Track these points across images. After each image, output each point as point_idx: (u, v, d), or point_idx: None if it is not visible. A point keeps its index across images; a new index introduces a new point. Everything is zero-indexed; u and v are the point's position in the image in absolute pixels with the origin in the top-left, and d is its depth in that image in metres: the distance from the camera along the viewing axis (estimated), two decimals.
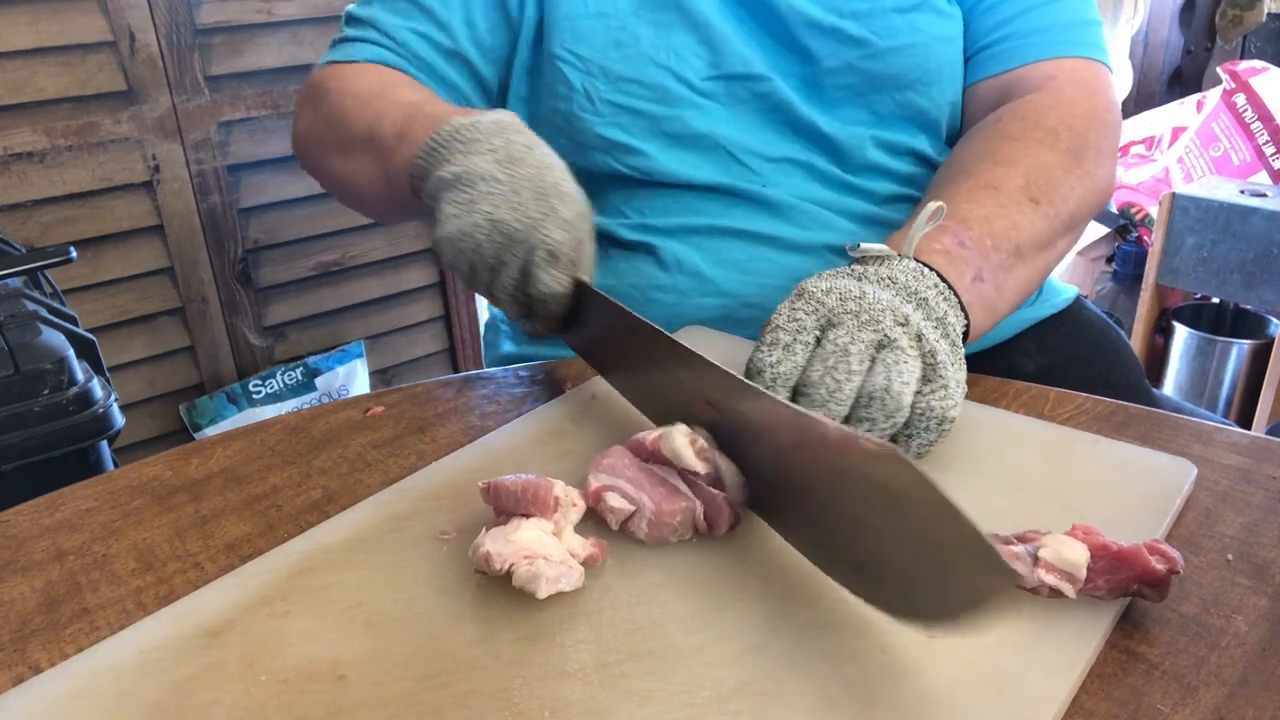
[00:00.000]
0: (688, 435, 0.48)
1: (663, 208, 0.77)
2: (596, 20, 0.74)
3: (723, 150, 0.76)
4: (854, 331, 0.49)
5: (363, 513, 0.51)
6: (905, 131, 0.78)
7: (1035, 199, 0.64)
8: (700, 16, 0.74)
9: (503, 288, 0.58)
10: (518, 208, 0.56)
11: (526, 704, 0.38)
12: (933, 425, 0.49)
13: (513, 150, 0.58)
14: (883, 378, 0.48)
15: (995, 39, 0.77)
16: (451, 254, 0.58)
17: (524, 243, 0.56)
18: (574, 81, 0.74)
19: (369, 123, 0.70)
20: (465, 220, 0.56)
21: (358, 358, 1.83)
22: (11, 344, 0.99)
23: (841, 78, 0.76)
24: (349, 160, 0.74)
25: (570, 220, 0.57)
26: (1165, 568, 0.41)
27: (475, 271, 0.58)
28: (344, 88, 0.75)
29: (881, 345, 0.49)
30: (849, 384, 0.48)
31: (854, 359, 0.48)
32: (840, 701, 0.37)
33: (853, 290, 0.51)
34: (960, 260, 0.58)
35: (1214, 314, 2.04)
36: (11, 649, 0.44)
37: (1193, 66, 2.95)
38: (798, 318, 0.50)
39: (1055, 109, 0.71)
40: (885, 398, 0.48)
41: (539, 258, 0.56)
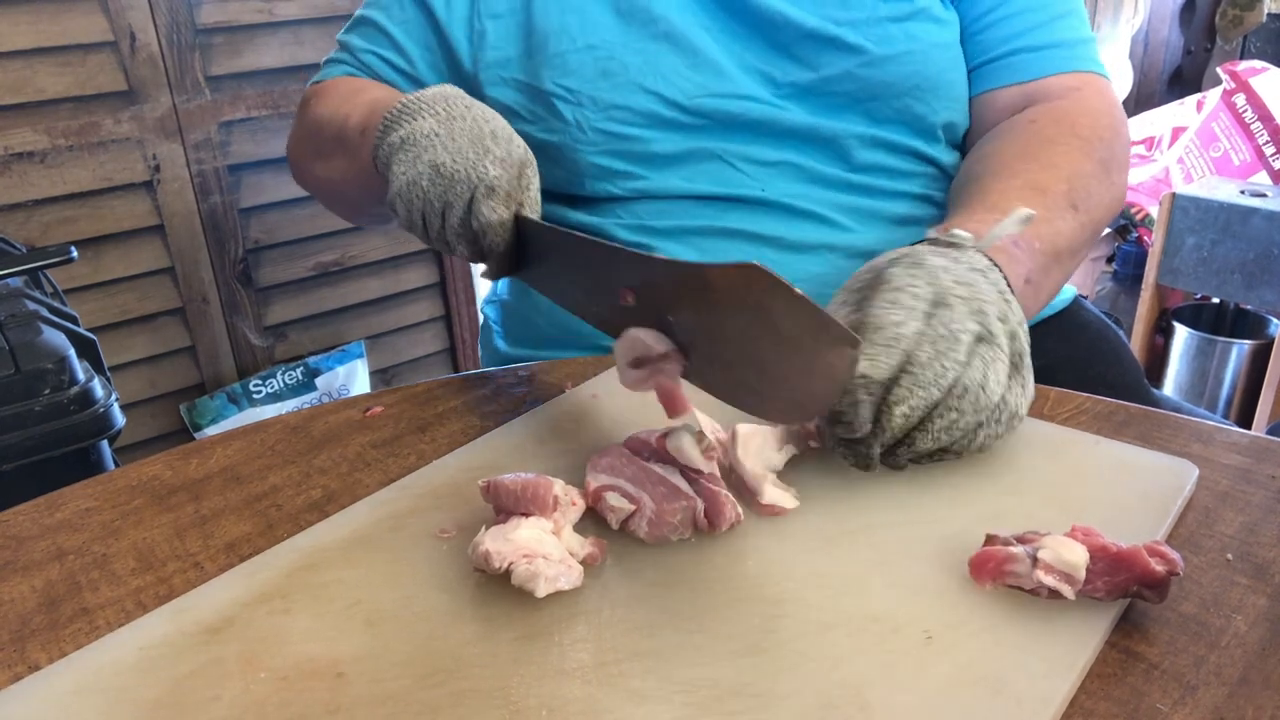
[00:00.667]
0: (694, 434, 0.48)
1: (660, 211, 0.78)
2: (585, 53, 0.76)
3: (717, 159, 0.77)
4: (964, 318, 0.48)
5: (362, 511, 0.51)
6: (905, 135, 0.78)
7: (1075, 205, 0.65)
8: (686, 42, 0.75)
9: (451, 229, 0.62)
10: (456, 152, 0.60)
11: (525, 702, 0.38)
12: (1005, 419, 0.50)
13: (453, 109, 0.63)
14: (980, 373, 0.48)
15: (1010, 50, 0.78)
16: (403, 208, 0.62)
17: (465, 181, 0.60)
18: (565, 114, 0.76)
19: (339, 124, 0.75)
20: (412, 172, 0.61)
21: (358, 358, 1.83)
22: (12, 343, 0.99)
23: (839, 85, 0.76)
24: (328, 163, 0.78)
25: (504, 158, 0.60)
26: (1165, 569, 0.41)
27: (427, 219, 0.62)
28: (320, 100, 0.81)
29: (981, 338, 0.49)
30: (952, 373, 0.47)
31: (962, 348, 0.48)
32: (838, 702, 0.37)
33: (962, 275, 0.50)
34: (1015, 261, 0.59)
35: (1214, 314, 2.04)
36: (11, 648, 0.44)
37: (1193, 66, 2.95)
38: (917, 284, 0.49)
39: (1086, 117, 0.73)
40: (980, 394, 0.48)
41: (479, 194, 0.60)
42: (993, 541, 0.44)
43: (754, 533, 0.47)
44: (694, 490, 0.47)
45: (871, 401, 0.47)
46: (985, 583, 0.43)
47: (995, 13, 0.78)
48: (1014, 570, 0.42)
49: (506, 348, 0.87)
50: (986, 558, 0.43)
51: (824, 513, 0.49)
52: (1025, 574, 0.42)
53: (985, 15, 0.79)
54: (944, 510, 0.49)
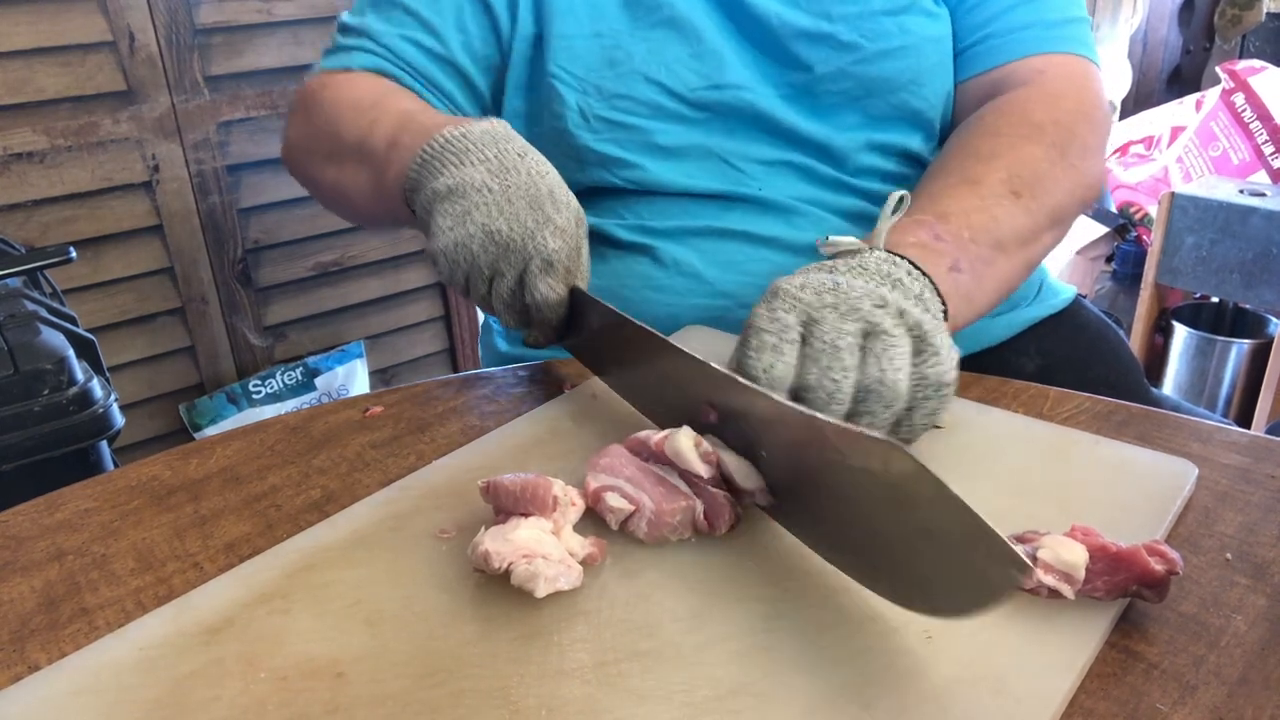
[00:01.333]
0: (693, 437, 0.48)
1: (660, 211, 0.78)
2: (592, 40, 0.75)
3: (717, 158, 0.77)
4: (837, 325, 0.48)
5: (362, 511, 0.51)
6: (900, 132, 0.78)
7: (1017, 192, 0.64)
8: (694, 33, 0.75)
9: (499, 297, 0.58)
10: (512, 217, 0.56)
11: (524, 702, 0.38)
12: (932, 393, 0.48)
13: (505, 159, 0.58)
14: (875, 369, 0.47)
15: (981, 36, 0.77)
16: (447, 266, 0.58)
17: (520, 252, 0.56)
18: (569, 99, 0.75)
19: (362, 132, 0.70)
20: (460, 231, 0.56)
21: (357, 358, 1.83)
22: (11, 344, 0.99)
23: (835, 84, 0.76)
24: (340, 170, 0.73)
25: (565, 228, 0.57)
26: (1164, 569, 0.41)
27: (471, 282, 0.58)
28: (337, 97, 0.75)
29: (867, 333, 0.48)
30: (846, 382, 0.47)
31: (845, 354, 0.47)
32: (839, 702, 0.37)
33: (826, 283, 0.50)
34: (935, 252, 0.58)
35: (1213, 313, 2.04)
36: (11, 649, 0.44)
37: (1192, 66, 2.95)
38: (778, 317, 0.49)
39: (1042, 103, 0.71)
40: (881, 389, 0.47)
41: (535, 266, 0.56)
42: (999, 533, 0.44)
43: (753, 533, 0.47)
44: (693, 491, 0.47)
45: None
46: None
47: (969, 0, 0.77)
48: None
49: (507, 348, 0.87)
50: None
51: None
52: None
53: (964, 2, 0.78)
54: None
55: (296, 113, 0.80)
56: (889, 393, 0.47)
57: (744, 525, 0.47)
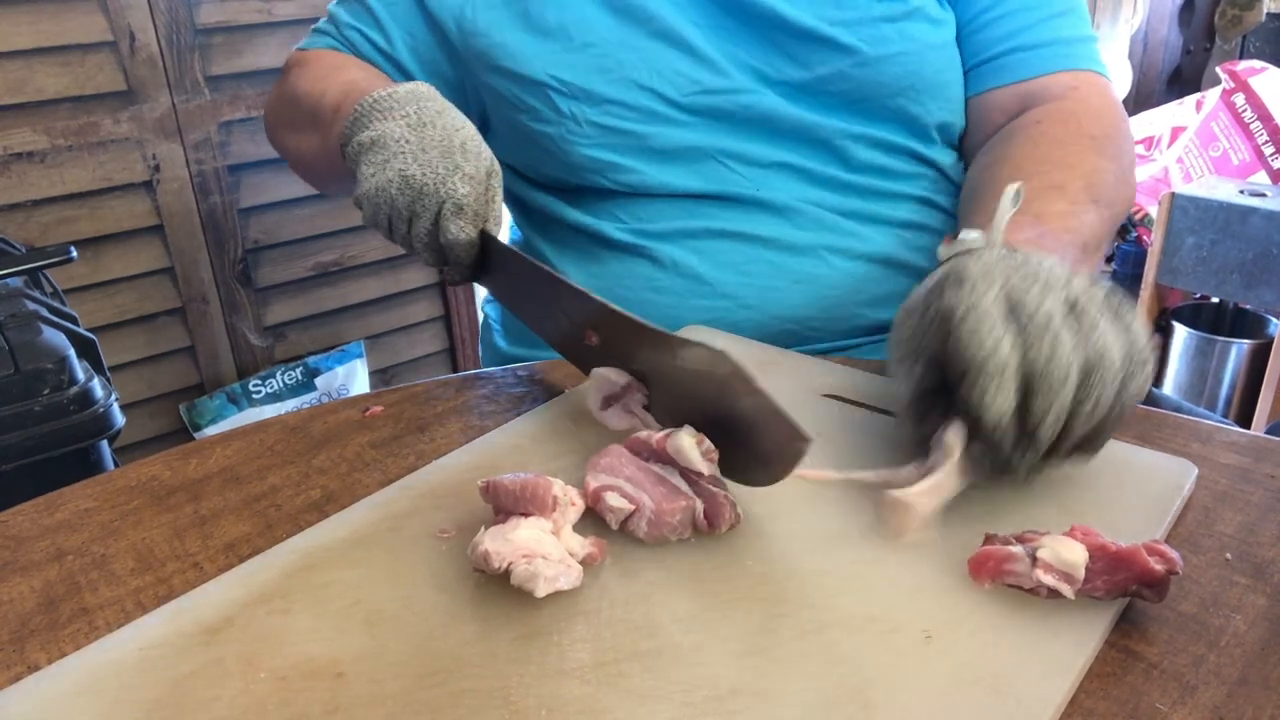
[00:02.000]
0: (694, 436, 0.48)
1: (657, 213, 0.78)
2: (581, 51, 0.75)
3: (712, 160, 0.77)
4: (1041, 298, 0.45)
5: (362, 511, 0.51)
6: (900, 135, 0.78)
7: (1096, 200, 0.66)
8: (682, 40, 0.75)
9: (418, 238, 0.64)
10: (426, 165, 0.62)
11: (524, 702, 0.38)
12: (1137, 365, 0.46)
13: (424, 115, 0.64)
14: (1099, 344, 0.45)
15: (1007, 49, 0.78)
16: (370, 210, 0.64)
17: (432, 195, 0.62)
18: (560, 106, 0.76)
19: (314, 100, 0.76)
20: (380, 177, 0.62)
21: (357, 358, 1.83)
22: (12, 344, 0.99)
23: (833, 85, 0.76)
24: (300, 136, 0.80)
25: (474, 175, 0.62)
26: (1164, 568, 0.41)
27: (392, 225, 0.64)
28: (301, 72, 0.82)
29: (1071, 307, 0.46)
30: (1078, 358, 0.44)
31: (1066, 332, 0.44)
32: (838, 702, 0.37)
33: (1009, 262, 0.47)
34: (1044, 251, 0.56)
35: (1213, 314, 2.04)
36: (10, 649, 0.44)
37: (1192, 66, 2.95)
38: (980, 292, 0.45)
39: (1089, 118, 0.73)
40: (1103, 366, 0.45)
41: (447, 210, 0.62)
42: (991, 541, 0.44)
43: (754, 533, 0.47)
44: (693, 490, 0.47)
45: (1012, 437, 0.45)
46: (984, 582, 0.43)
47: (992, 11, 0.78)
48: (1013, 569, 0.42)
49: (507, 346, 0.87)
50: (986, 557, 0.43)
51: (823, 513, 0.49)
52: (1025, 573, 0.42)
53: (982, 14, 0.78)
54: (942, 510, 0.49)
55: (274, 88, 0.89)
56: (1109, 366, 0.45)
57: (744, 525, 0.47)
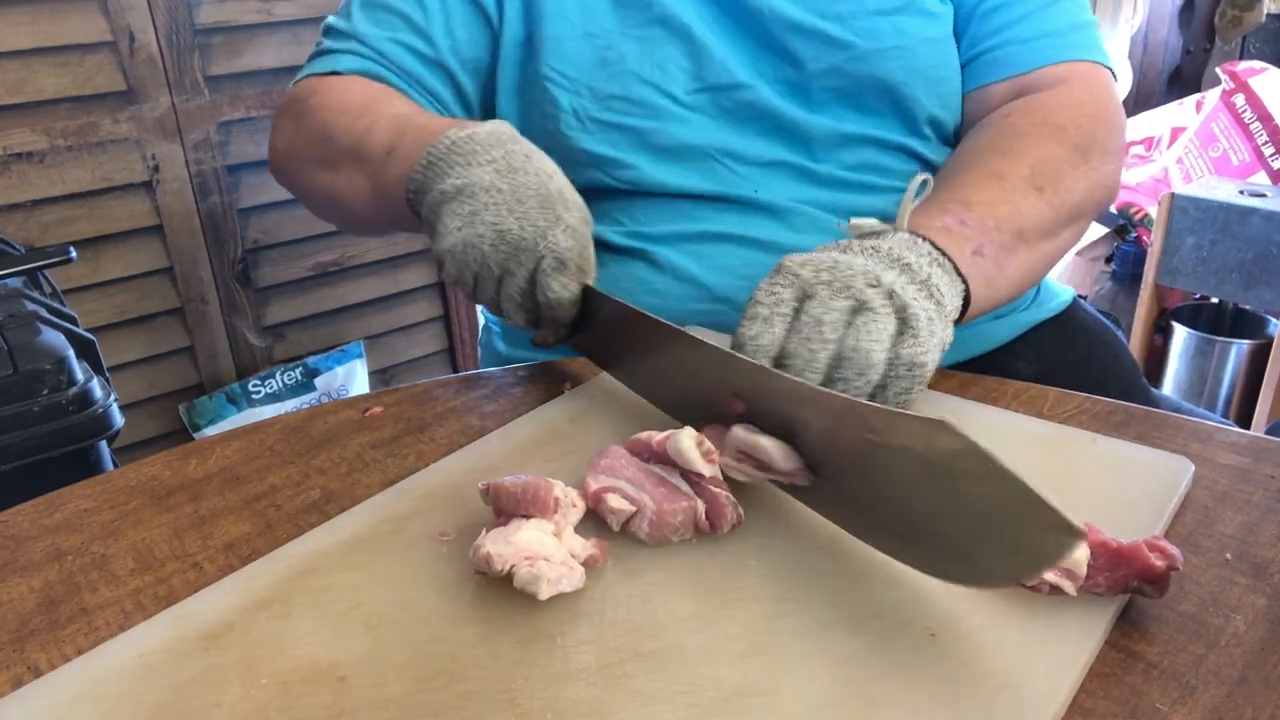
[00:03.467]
0: (695, 437, 0.48)
1: (655, 215, 0.78)
2: (584, 40, 0.75)
3: (711, 159, 0.77)
4: (826, 301, 0.51)
5: (361, 514, 0.51)
6: (895, 131, 0.78)
7: (1040, 187, 0.65)
8: (684, 31, 0.75)
9: (509, 297, 0.59)
10: (523, 217, 0.57)
11: (529, 705, 0.38)
12: (903, 372, 0.51)
13: (512, 160, 0.59)
14: (852, 339, 0.50)
15: (999, 43, 0.77)
16: (455, 266, 0.59)
17: (531, 251, 0.57)
18: (561, 101, 0.75)
19: (357, 137, 0.70)
20: (469, 231, 0.57)
21: (357, 358, 1.83)
22: (11, 344, 0.99)
23: (827, 80, 0.76)
24: (335, 175, 0.73)
25: (576, 227, 0.58)
26: (1165, 564, 0.41)
27: (480, 282, 0.59)
28: (327, 102, 0.74)
29: (855, 310, 0.51)
30: (823, 352, 0.50)
31: (827, 328, 0.50)
32: (843, 701, 0.37)
33: (827, 261, 0.52)
34: (959, 237, 0.59)
35: (1213, 314, 2.04)
36: (10, 649, 0.44)
37: (1192, 67, 2.96)
38: (775, 292, 0.52)
39: (1064, 108, 0.72)
40: (854, 356, 0.50)
41: (547, 265, 0.57)
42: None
43: (755, 533, 0.47)
44: (695, 491, 0.47)
45: None
46: None
47: (985, 4, 0.78)
48: None
49: (506, 349, 0.87)
50: None
51: None
52: None
53: (977, 7, 0.78)
54: None
55: (284, 118, 0.79)
56: (861, 360, 0.50)
57: (746, 525, 0.47)
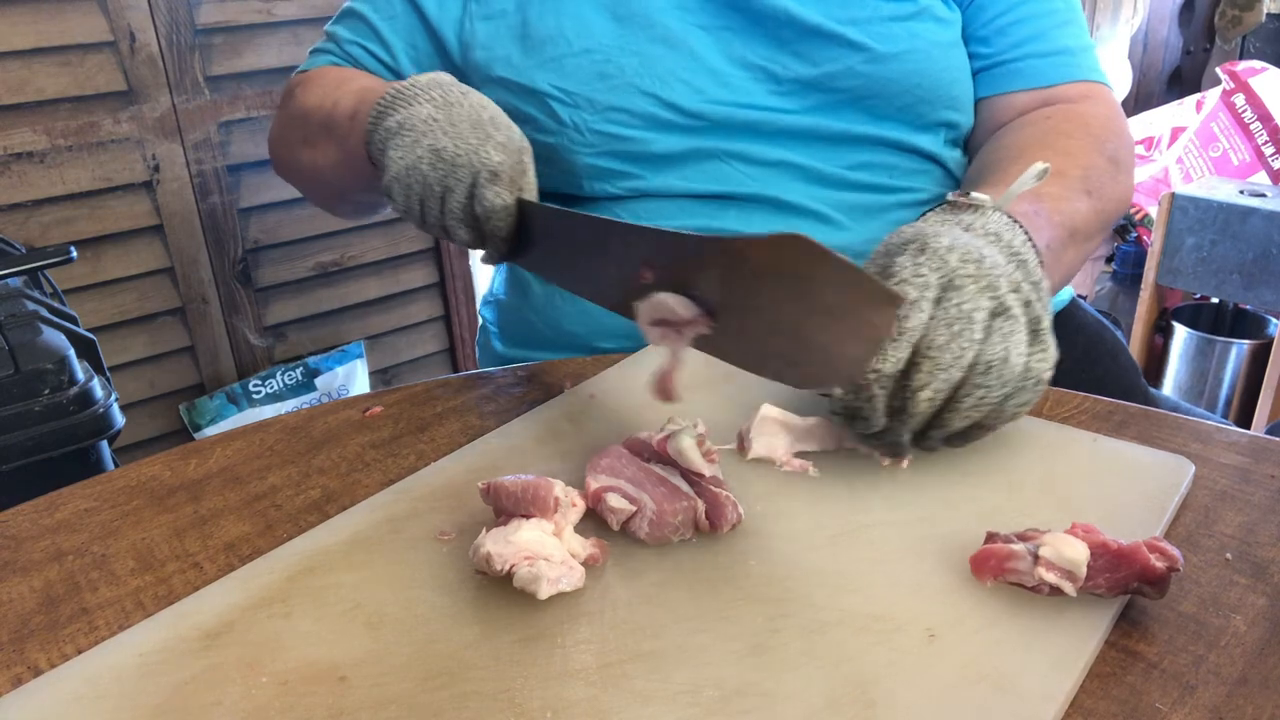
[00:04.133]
0: (695, 437, 0.48)
1: (656, 213, 0.78)
2: (582, 57, 0.76)
3: (716, 160, 0.77)
4: (975, 297, 0.49)
5: (361, 514, 0.51)
6: (905, 132, 0.78)
7: (1089, 191, 0.67)
8: (684, 45, 0.75)
9: (452, 213, 0.63)
10: (457, 137, 0.61)
11: (528, 704, 0.38)
12: (1030, 385, 0.50)
13: (449, 96, 0.64)
14: (1001, 348, 0.48)
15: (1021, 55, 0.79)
16: (401, 192, 0.63)
17: (466, 165, 0.61)
18: (562, 116, 0.76)
19: (327, 111, 0.76)
20: (410, 156, 0.62)
21: (357, 358, 1.83)
22: (12, 344, 0.99)
23: (841, 81, 0.76)
24: (314, 151, 0.79)
25: (506, 143, 0.62)
26: (1165, 565, 0.41)
27: (425, 204, 0.63)
28: (306, 89, 0.82)
29: (996, 313, 0.49)
30: (971, 351, 0.48)
31: (978, 327, 0.48)
32: (842, 701, 0.37)
33: (973, 251, 0.51)
34: (1036, 227, 0.60)
35: (1213, 314, 2.04)
36: (10, 649, 0.44)
37: (1192, 67, 2.96)
38: (922, 273, 0.50)
39: (1098, 119, 0.75)
40: (1003, 368, 0.48)
41: (482, 179, 0.61)
42: (993, 539, 0.44)
43: (755, 533, 0.47)
44: (695, 491, 0.47)
45: (885, 395, 0.48)
46: (987, 580, 0.43)
47: (1005, 17, 0.79)
48: (1015, 567, 0.42)
49: (503, 349, 0.87)
50: (988, 555, 0.43)
51: (825, 512, 0.49)
52: (1027, 571, 0.42)
53: (996, 19, 0.80)
54: (942, 509, 0.49)
55: (277, 114, 0.87)
56: (1009, 372, 0.49)
57: (746, 525, 0.47)
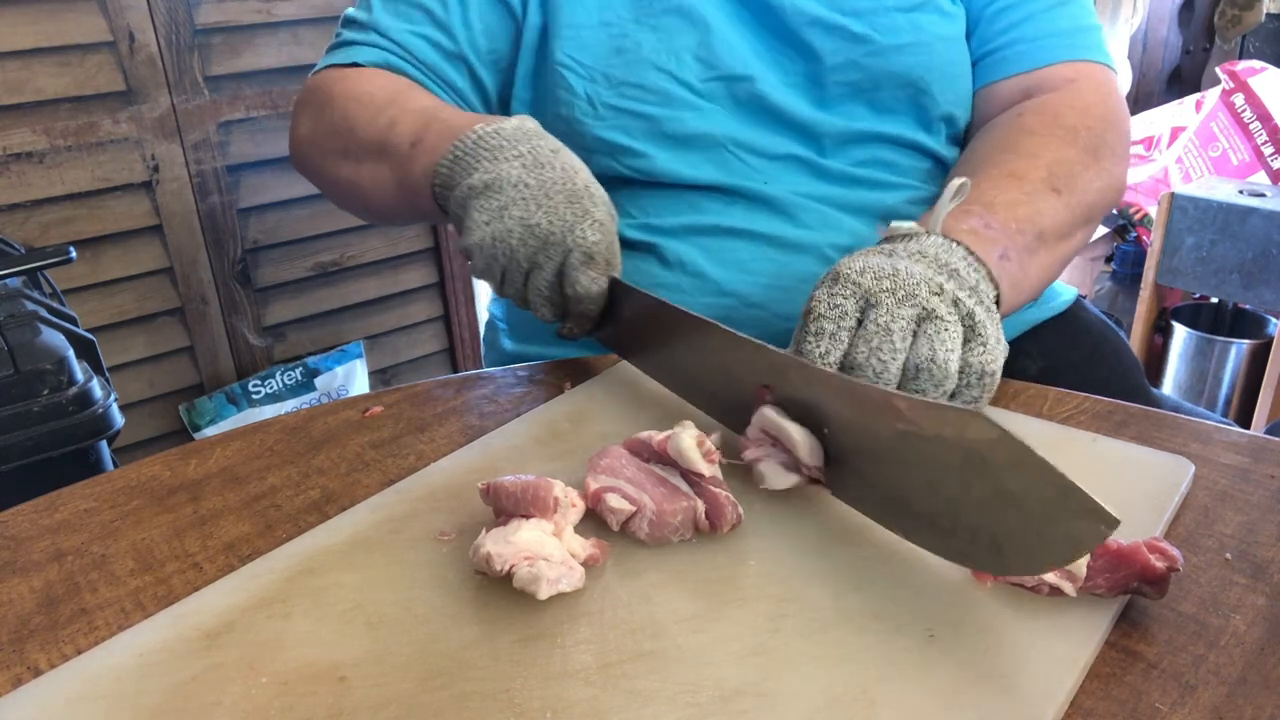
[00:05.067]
0: (695, 437, 0.48)
1: (665, 207, 0.78)
2: (600, 29, 0.75)
3: (723, 149, 0.77)
4: (893, 309, 0.50)
5: (361, 514, 0.51)
6: (908, 127, 0.78)
7: (1057, 189, 0.66)
8: (701, 20, 0.75)
9: (537, 291, 0.60)
10: (551, 211, 0.58)
11: (528, 704, 0.38)
12: (974, 381, 0.50)
13: (539, 155, 0.60)
14: (927, 349, 0.49)
15: (1008, 41, 0.78)
16: (484, 260, 0.60)
17: (559, 245, 0.58)
18: (576, 88, 0.75)
19: (381, 130, 0.70)
20: (498, 226, 0.59)
21: (357, 358, 1.83)
22: (11, 344, 0.99)
23: (844, 74, 0.76)
24: (357, 167, 0.74)
25: (603, 221, 0.59)
26: (1165, 565, 0.41)
27: (508, 276, 0.61)
28: (349, 91, 0.75)
29: (921, 318, 0.50)
30: (894, 363, 0.49)
31: (896, 337, 0.49)
32: (843, 701, 0.37)
33: (886, 268, 0.51)
34: (987, 240, 0.59)
35: (1213, 314, 2.04)
36: (10, 649, 0.44)
37: (1191, 66, 2.96)
38: (837, 303, 0.51)
39: (1074, 109, 0.73)
40: (932, 368, 0.49)
41: (575, 259, 0.59)
42: None
43: (755, 533, 0.47)
44: (695, 491, 0.47)
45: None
46: (986, 580, 0.43)
47: (996, 3, 0.79)
48: None
49: (513, 345, 0.86)
50: None
51: (824, 512, 0.49)
52: None
53: (987, 6, 0.79)
54: None
55: (305, 108, 0.79)
56: (939, 371, 0.49)
57: (746, 525, 0.47)
